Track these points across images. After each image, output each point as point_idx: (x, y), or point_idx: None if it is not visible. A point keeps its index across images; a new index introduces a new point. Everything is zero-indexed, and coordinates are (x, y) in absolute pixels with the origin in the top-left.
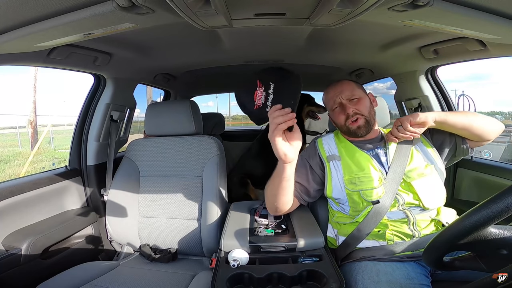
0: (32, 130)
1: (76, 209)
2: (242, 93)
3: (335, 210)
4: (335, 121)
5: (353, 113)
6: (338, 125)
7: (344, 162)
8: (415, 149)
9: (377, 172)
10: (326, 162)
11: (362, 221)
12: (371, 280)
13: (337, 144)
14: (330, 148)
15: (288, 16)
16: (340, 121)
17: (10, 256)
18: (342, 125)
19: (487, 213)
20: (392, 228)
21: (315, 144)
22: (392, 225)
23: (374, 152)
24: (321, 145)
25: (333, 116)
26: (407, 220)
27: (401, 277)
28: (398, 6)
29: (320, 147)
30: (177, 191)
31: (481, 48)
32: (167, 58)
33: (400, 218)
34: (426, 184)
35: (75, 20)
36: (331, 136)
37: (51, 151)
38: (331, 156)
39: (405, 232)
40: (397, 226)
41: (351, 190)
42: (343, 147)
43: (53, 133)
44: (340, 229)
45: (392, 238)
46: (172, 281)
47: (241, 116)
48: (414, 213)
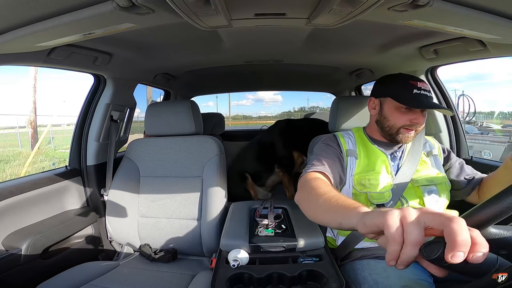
0: (32, 130)
1: (76, 209)
2: None
3: None
4: (392, 119)
5: (420, 128)
6: (391, 124)
7: (360, 161)
8: (427, 155)
9: (388, 174)
10: (345, 155)
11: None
12: (380, 275)
13: (357, 142)
14: (351, 143)
15: (288, 16)
16: (399, 123)
17: (10, 256)
18: (397, 127)
19: (487, 213)
20: None
21: (336, 137)
22: None
23: (392, 155)
24: (342, 138)
25: (392, 113)
26: None
27: (408, 273)
28: (398, 6)
29: (341, 139)
30: (177, 191)
31: (481, 48)
32: (167, 58)
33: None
34: (434, 192)
35: (75, 20)
36: (350, 133)
37: (51, 151)
38: (350, 151)
39: None
40: None
41: (359, 191)
42: (362, 146)
43: (53, 133)
44: (339, 230)
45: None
46: (172, 281)
47: (241, 116)
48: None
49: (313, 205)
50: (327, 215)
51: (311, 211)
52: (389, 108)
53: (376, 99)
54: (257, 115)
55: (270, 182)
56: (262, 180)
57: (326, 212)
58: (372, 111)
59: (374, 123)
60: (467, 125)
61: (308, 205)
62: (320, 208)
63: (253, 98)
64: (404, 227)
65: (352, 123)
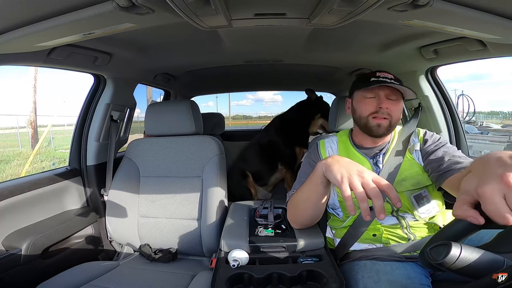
0: (32, 130)
1: (76, 209)
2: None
3: (330, 213)
4: (358, 110)
5: (386, 111)
6: (359, 115)
7: None
8: (410, 151)
9: None
10: None
11: (352, 224)
12: (371, 279)
13: (339, 149)
14: (331, 151)
15: (288, 16)
16: (365, 112)
17: (10, 256)
18: (364, 117)
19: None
20: (386, 232)
21: (317, 146)
22: (386, 230)
23: (374, 159)
24: (323, 147)
25: (359, 103)
26: (399, 225)
27: (401, 277)
28: (398, 6)
29: (321, 149)
30: (177, 191)
31: (481, 48)
32: (167, 58)
33: (392, 224)
34: (423, 197)
35: (75, 20)
36: (334, 139)
37: (51, 151)
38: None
39: (400, 235)
40: (391, 230)
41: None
42: (344, 152)
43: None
44: (336, 231)
45: (388, 241)
46: (172, 281)
47: (241, 116)
48: (407, 219)
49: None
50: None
51: (301, 213)
52: (356, 101)
53: (349, 99)
54: (257, 115)
55: (273, 180)
56: (265, 179)
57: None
58: (347, 111)
59: (354, 124)
60: (467, 125)
61: (297, 213)
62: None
63: (253, 98)
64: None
65: (352, 123)
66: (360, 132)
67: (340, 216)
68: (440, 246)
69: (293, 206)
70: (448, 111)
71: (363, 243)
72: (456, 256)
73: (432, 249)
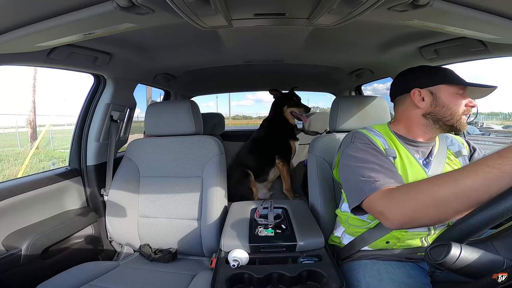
0: (31, 130)
1: (76, 209)
2: None
3: (345, 213)
4: (453, 105)
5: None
6: (452, 111)
7: (397, 161)
8: (456, 155)
9: (423, 174)
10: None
11: (374, 227)
12: (374, 278)
13: (388, 141)
14: (384, 142)
15: (288, 16)
16: (459, 108)
17: (10, 256)
18: (457, 114)
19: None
20: (404, 241)
21: (366, 135)
22: (406, 238)
23: (425, 161)
24: (373, 137)
25: (452, 98)
26: (427, 233)
27: (402, 276)
28: (398, 6)
29: (373, 138)
30: (177, 191)
31: (481, 48)
32: (167, 58)
33: (420, 231)
34: None
35: (75, 20)
36: (375, 130)
37: (50, 151)
38: (388, 151)
39: (415, 245)
40: (411, 240)
41: None
42: (395, 144)
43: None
44: (348, 228)
45: (398, 248)
46: (172, 281)
47: (241, 116)
48: (437, 227)
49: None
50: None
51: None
52: (446, 95)
53: (424, 90)
54: (257, 115)
55: (272, 175)
56: (264, 175)
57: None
58: (420, 103)
59: (416, 118)
60: (469, 125)
61: (446, 211)
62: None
63: (253, 98)
64: None
65: (352, 123)
66: (422, 125)
67: (364, 218)
68: (440, 246)
69: (433, 202)
70: None
71: (370, 247)
72: (456, 256)
73: (432, 249)
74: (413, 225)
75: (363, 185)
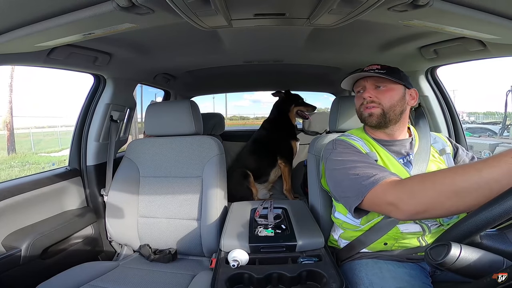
0: (8, 133)
1: (76, 209)
2: None
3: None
4: (355, 105)
5: (369, 100)
6: (356, 110)
7: (383, 164)
8: (440, 153)
9: (404, 172)
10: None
11: (370, 230)
12: (376, 276)
13: (367, 145)
14: (364, 146)
15: (288, 16)
16: (357, 104)
17: (10, 256)
18: (358, 110)
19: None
20: (401, 241)
21: (346, 141)
22: (402, 238)
23: (405, 159)
24: (353, 142)
25: (355, 100)
26: (421, 233)
27: (403, 274)
28: (398, 6)
29: (353, 143)
30: (177, 191)
31: (481, 48)
32: (167, 58)
33: (415, 231)
34: None
35: (75, 20)
36: (353, 136)
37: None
38: (370, 154)
39: (413, 245)
40: (408, 239)
41: None
42: (374, 147)
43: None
44: (344, 232)
45: (397, 249)
46: (172, 281)
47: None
48: (431, 227)
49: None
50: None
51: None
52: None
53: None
54: (255, 115)
55: (273, 176)
56: (266, 176)
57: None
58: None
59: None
60: None
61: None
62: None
63: (250, 98)
64: None
65: (352, 123)
66: (369, 127)
67: (356, 223)
68: (440, 246)
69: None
70: (448, 111)
71: (369, 249)
72: (456, 256)
73: (432, 249)
74: (425, 215)
75: (361, 181)
